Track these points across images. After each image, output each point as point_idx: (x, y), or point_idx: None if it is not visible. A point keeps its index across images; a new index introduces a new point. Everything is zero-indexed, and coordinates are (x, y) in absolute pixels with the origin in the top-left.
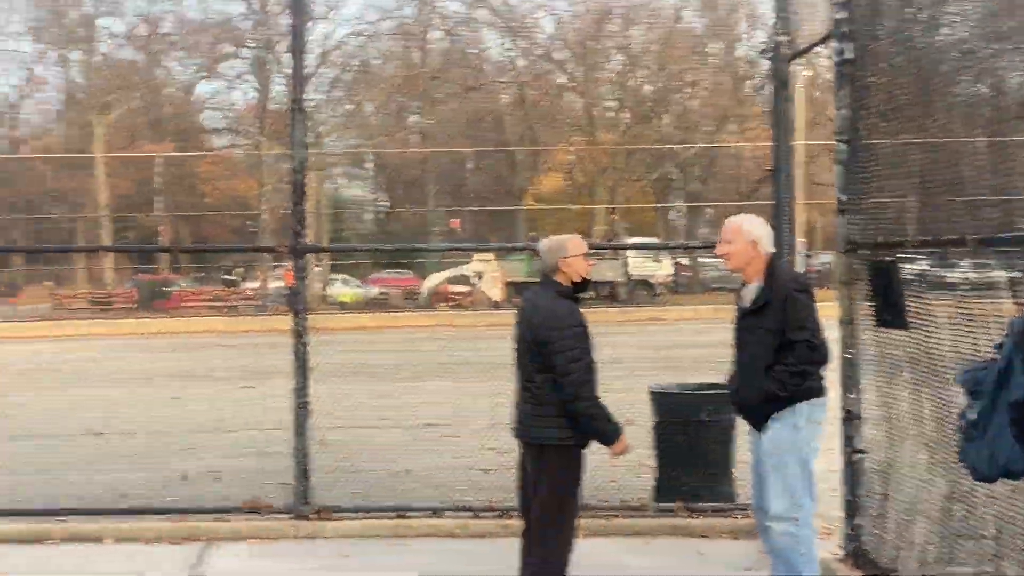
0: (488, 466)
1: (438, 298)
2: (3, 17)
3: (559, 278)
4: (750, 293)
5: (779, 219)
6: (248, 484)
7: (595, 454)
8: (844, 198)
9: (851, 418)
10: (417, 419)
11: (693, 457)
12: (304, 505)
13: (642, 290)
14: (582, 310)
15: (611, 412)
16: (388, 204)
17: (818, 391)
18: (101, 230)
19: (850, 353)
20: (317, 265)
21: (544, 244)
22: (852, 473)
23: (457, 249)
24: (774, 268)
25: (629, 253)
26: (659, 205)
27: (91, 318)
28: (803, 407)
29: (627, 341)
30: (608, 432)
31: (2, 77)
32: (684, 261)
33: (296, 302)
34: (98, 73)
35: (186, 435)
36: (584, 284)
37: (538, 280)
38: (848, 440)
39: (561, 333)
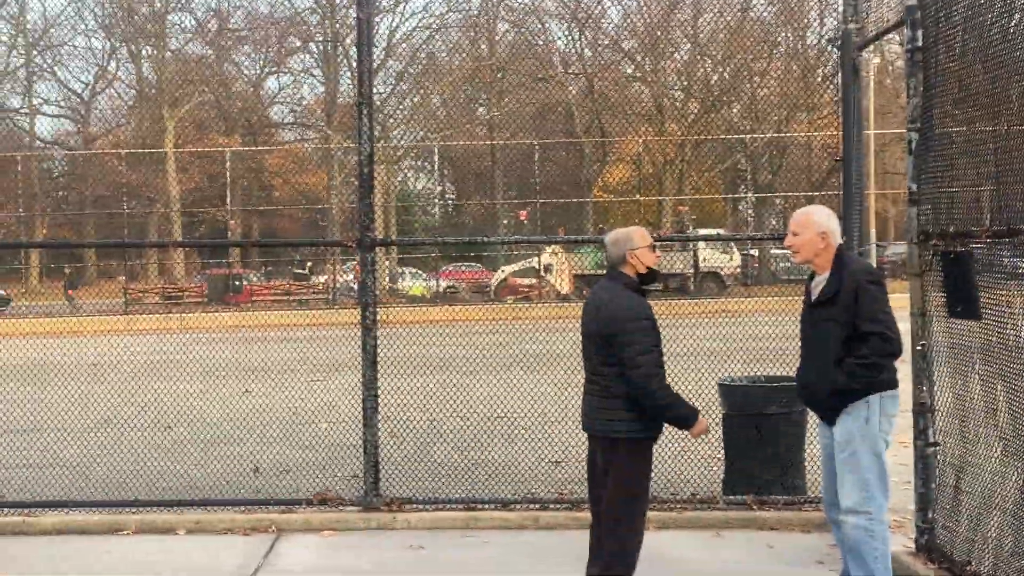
0: (558, 458)
1: (507, 291)
2: (75, 15)
3: (626, 270)
4: (819, 285)
5: (849, 209)
6: (319, 476)
7: (665, 447)
8: (915, 187)
9: (923, 411)
10: (486, 411)
11: (763, 450)
12: (375, 497)
13: (711, 282)
14: (650, 302)
15: (684, 402)
16: (455, 197)
17: (891, 383)
18: (172, 224)
19: (922, 345)
20: (386, 258)
21: (610, 236)
22: (924, 466)
23: (524, 242)
24: (843, 259)
25: (698, 245)
26: (728, 196)
27: (163, 312)
28: (875, 399)
29: (696, 334)
30: (685, 415)
31: (75, 74)
32: (754, 252)
33: (365, 295)
34: (168, 68)
35: (257, 427)
36: (651, 276)
37: (605, 273)
38: (920, 433)
39: (629, 326)
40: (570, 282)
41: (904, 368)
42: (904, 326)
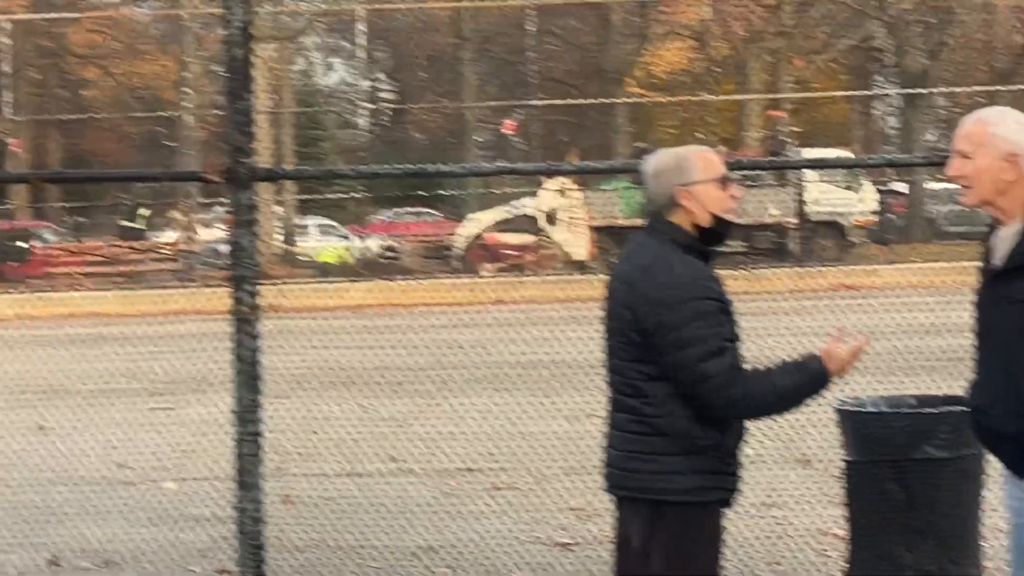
0: (567, 537)
1: (483, 255)
2: None
3: (678, 220)
4: (1005, 243)
5: None
6: (164, 571)
7: (743, 513)
8: None
9: None
10: (448, 460)
11: (912, 519)
12: None
13: (827, 238)
14: (718, 272)
15: (788, 367)
16: (394, 98)
17: None
18: None
19: None
20: (276, 201)
21: (652, 163)
22: None
23: (512, 172)
24: None
25: (805, 176)
26: (855, 93)
27: None
28: None
29: (801, 325)
30: (811, 379)
31: None
32: (899, 188)
33: (239, 264)
34: None
35: (58, 488)
36: (720, 229)
37: (644, 224)
38: None
39: (681, 312)
40: (589, 240)
41: None
42: None
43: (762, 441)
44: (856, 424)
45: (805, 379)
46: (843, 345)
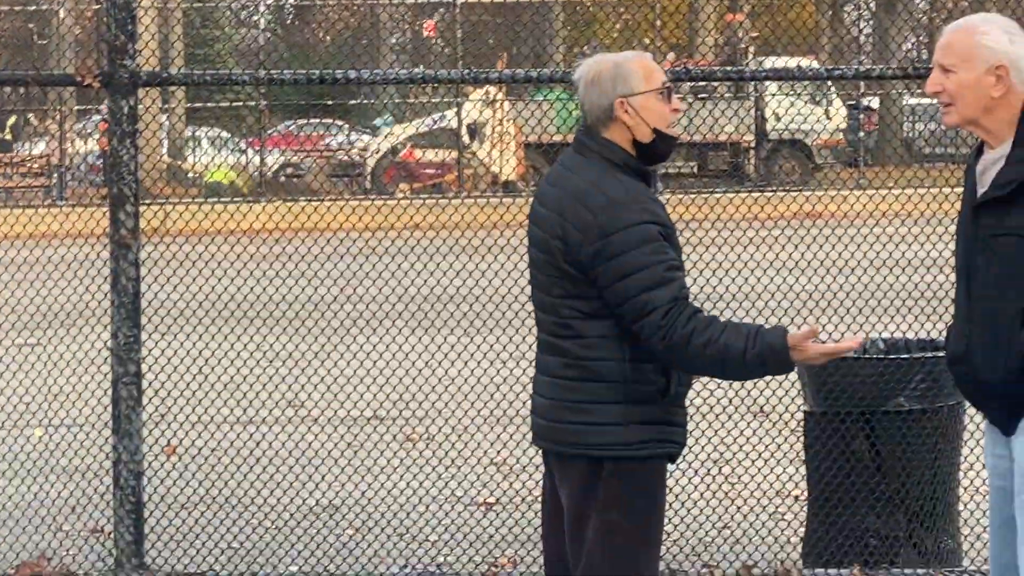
0: (488, 495)
1: (396, 174)
2: None
3: (613, 136)
4: (993, 167)
5: None
6: (30, 530)
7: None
8: None
9: None
10: (355, 407)
11: (880, 479)
12: (137, 571)
13: (791, 159)
14: (664, 196)
15: (748, 328)
16: None
17: None
18: None
19: None
20: (162, 110)
21: (586, 70)
22: None
23: (431, 81)
24: None
25: (766, 87)
26: None
27: None
28: None
29: (760, 258)
30: (770, 353)
31: None
32: (870, 104)
33: (119, 183)
34: None
35: None
36: (662, 146)
37: (575, 140)
38: None
39: (621, 238)
40: (519, 158)
41: None
42: None
43: (712, 390)
44: (817, 371)
45: (760, 353)
46: (816, 342)
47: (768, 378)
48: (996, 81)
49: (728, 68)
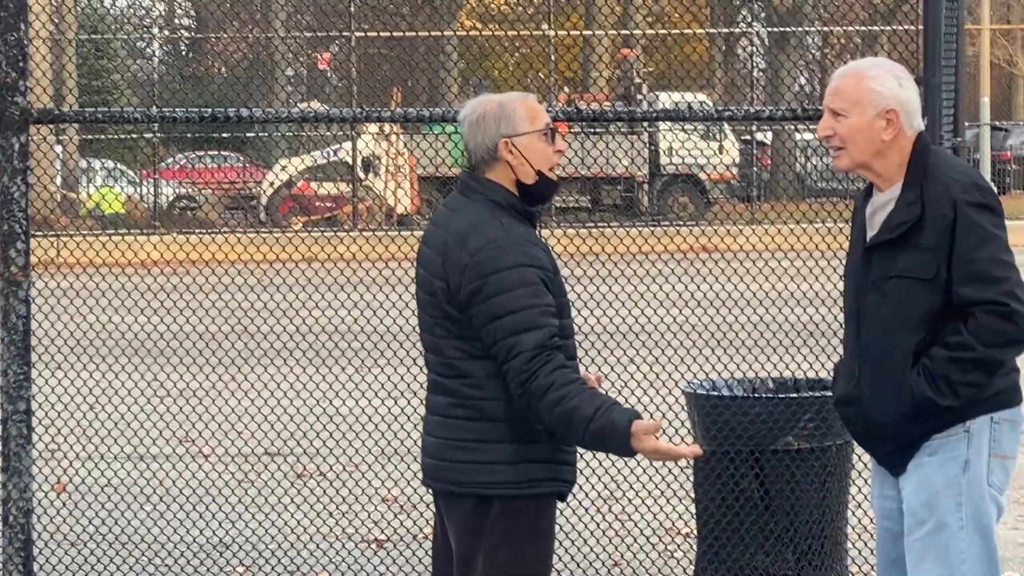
0: (380, 533)
1: (291, 206)
2: None
3: (497, 176)
4: (882, 210)
5: (931, 65)
6: None
7: (576, 513)
8: None
9: None
10: (247, 443)
11: (770, 520)
12: None
13: (684, 193)
14: (547, 235)
15: (603, 400)
16: (191, 27)
17: (1008, 397)
18: None
19: None
20: (52, 141)
21: (471, 111)
22: None
23: (323, 120)
24: (928, 161)
25: (659, 126)
26: (716, 31)
27: None
28: (982, 428)
29: (653, 292)
30: (613, 423)
31: None
32: (763, 139)
33: (9, 220)
34: None
35: None
36: (545, 188)
37: (459, 181)
38: None
39: (497, 280)
40: (413, 192)
41: None
42: None
43: None
44: (707, 409)
45: (602, 427)
46: (652, 429)
47: (659, 416)
48: (886, 125)
49: (620, 108)
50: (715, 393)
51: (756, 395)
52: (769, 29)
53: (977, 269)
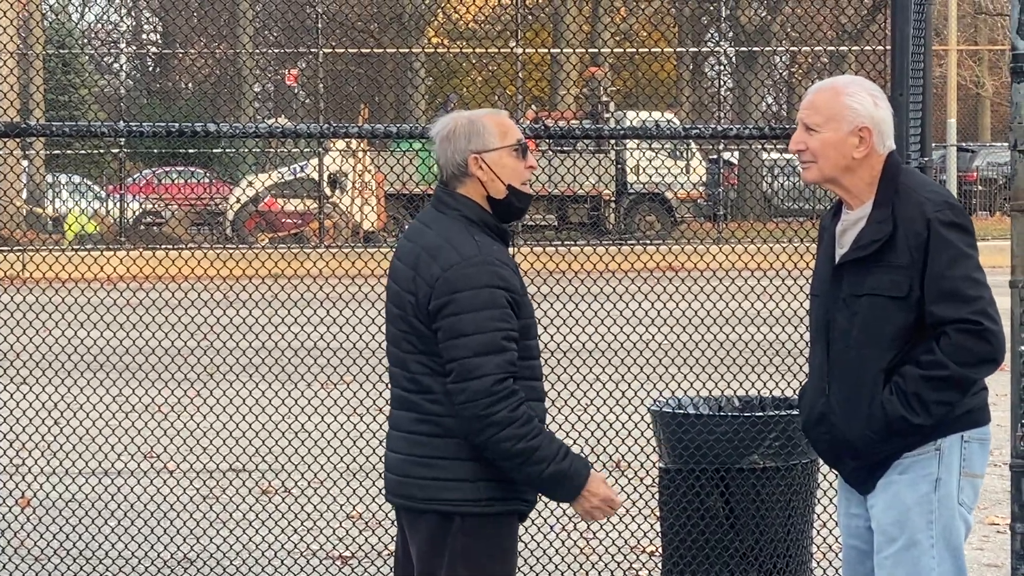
0: (345, 551)
1: (258, 222)
2: None
3: (468, 192)
4: (852, 228)
5: (899, 84)
6: None
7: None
8: None
9: None
10: (212, 459)
11: (735, 538)
12: None
13: (651, 212)
14: (513, 252)
15: (560, 443)
16: (158, 41)
17: (978, 416)
18: None
19: None
20: (19, 157)
21: (441, 127)
22: None
23: (291, 136)
24: (898, 180)
25: (626, 144)
26: (684, 50)
27: None
28: (952, 447)
29: (616, 311)
30: (565, 472)
31: None
32: (730, 158)
33: None
34: None
35: None
36: (516, 203)
37: (433, 195)
38: None
39: (466, 299)
40: (380, 209)
41: (995, 385)
42: (998, 304)
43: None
44: (673, 427)
45: (562, 471)
46: (604, 496)
47: (624, 433)
48: (859, 142)
49: (588, 126)
50: (681, 411)
51: (722, 413)
52: (737, 48)
53: (950, 288)
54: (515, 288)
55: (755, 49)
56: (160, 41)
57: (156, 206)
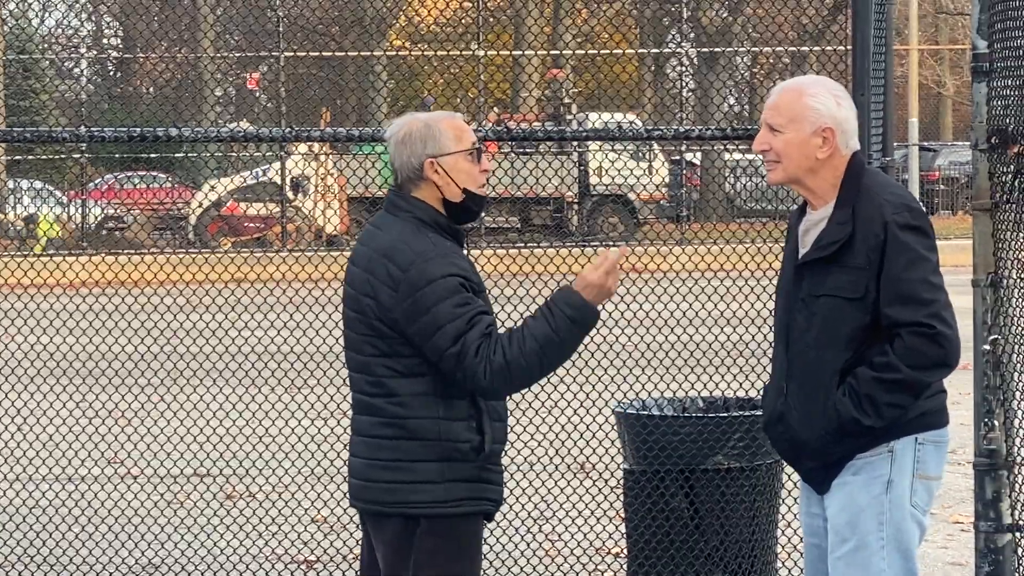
0: (309, 554)
1: (219, 227)
2: None
3: (423, 195)
4: (814, 228)
5: (860, 84)
6: None
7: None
8: (985, 45)
9: (994, 467)
10: (175, 464)
11: (700, 539)
12: None
13: (614, 214)
14: (476, 255)
15: (538, 319)
16: (119, 46)
17: (934, 418)
18: None
19: (993, 342)
20: None
21: (397, 130)
22: (996, 563)
23: (253, 140)
24: (861, 180)
25: (588, 146)
26: (646, 52)
27: None
28: (906, 448)
29: None
30: (574, 313)
31: None
32: (692, 159)
33: None
34: None
35: None
36: (471, 206)
37: (386, 199)
38: (989, 506)
39: (429, 292)
40: (343, 212)
41: (959, 384)
42: (961, 302)
43: (531, 447)
44: (637, 429)
45: (563, 317)
46: (594, 267)
47: (589, 435)
48: (822, 143)
49: (550, 127)
50: (645, 413)
51: (686, 415)
52: (698, 49)
53: (905, 290)
54: (471, 276)
55: (717, 50)
56: (121, 46)
57: (118, 211)
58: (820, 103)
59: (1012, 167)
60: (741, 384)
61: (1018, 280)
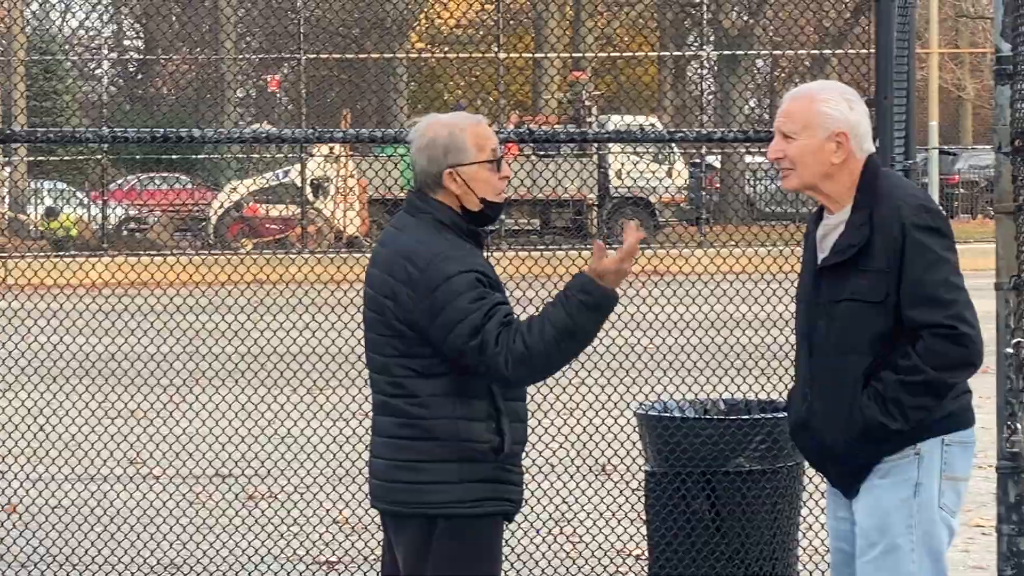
0: (331, 554)
1: (240, 228)
2: None
3: (443, 198)
4: (833, 232)
5: (883, 87)
6: None
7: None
8: (1008, 49)
9: (1017, 470)
10: (197, 464)
11: (721, 539)
12: None
13: (633, 216)
14: (497, 257)
15: (555, 307)
16: (140, 48)
17: (961, 419)
18: None
19: (1017, 345)
20: (5, 164)
21: (419, 134)
22: (1019, 567)
23: (275, 141)
24: (878, 184)
25: (608, 147)
26: (666, 54)
27: None
28: (933, 450)
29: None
30: (589, 299)
31: None
32: (713, 162)
33: None
34: None
35: None
36: (490, 212)
37: (406, 201)
38: (1012, 510)
39: (446, 291)
40: (363, 214)
41: (980, 387)
42: (982, 306)
43: (552, 448)
44: (659, 431)
45: (579, 304)
46: (609, 253)
47: (611, 437)
48: (836, 148)
49: (571, 129)
50: (667, 415)
51: (707, 417)
52: (719, 52)
53: (926, 292)
54: (489, 274)
55: (737, 53)
56: (142, 47)
57: (139, 212)
58: (832, 108)
59: None
60: (763, 386)
61: None
